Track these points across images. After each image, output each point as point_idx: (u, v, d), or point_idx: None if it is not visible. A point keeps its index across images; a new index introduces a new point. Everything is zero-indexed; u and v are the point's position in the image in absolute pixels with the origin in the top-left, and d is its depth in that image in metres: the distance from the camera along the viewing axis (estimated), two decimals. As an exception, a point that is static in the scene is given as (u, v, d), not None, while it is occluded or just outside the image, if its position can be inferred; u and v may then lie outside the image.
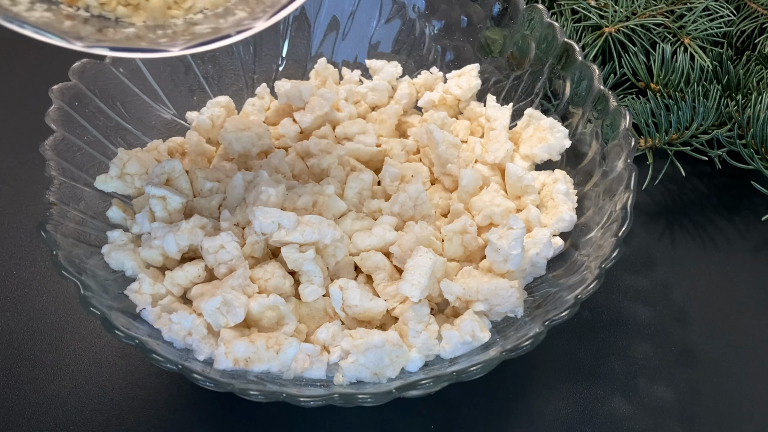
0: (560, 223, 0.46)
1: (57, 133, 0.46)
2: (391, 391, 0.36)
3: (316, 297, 0.43)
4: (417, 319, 0.42)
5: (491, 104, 0.53)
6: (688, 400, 0.45)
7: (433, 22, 0.58)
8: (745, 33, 0.59)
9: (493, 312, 0.42)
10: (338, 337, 0.41)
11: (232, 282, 0.41)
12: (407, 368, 0.41)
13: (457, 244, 0.45)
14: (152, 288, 0.42)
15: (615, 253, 0.39)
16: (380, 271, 0.44)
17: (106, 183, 0.47)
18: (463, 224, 0.45)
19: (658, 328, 0.49)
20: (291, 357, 0.39)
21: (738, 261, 0.52)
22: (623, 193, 0.42)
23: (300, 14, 0.58)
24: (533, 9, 0.52)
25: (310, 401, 0.35)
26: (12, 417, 0.45)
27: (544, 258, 0.44)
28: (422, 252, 0.42)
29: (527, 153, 0.50)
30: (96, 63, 0.50)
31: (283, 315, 0.41)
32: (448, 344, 0.41)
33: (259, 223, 0.42)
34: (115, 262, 0.44)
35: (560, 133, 0.49)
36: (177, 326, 0.40)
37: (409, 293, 0.41)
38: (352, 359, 0.40)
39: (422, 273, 0.42)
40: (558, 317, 0.37)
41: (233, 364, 0.39)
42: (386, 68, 0.57)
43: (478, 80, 0.55)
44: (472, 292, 0.42)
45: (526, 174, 0.48)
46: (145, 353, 0.36)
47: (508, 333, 0.41)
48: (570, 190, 0.48)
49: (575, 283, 0.41)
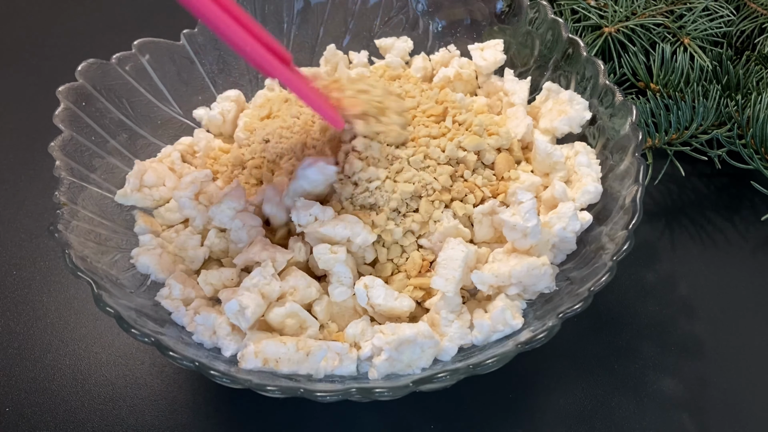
0: (586, 195, 0.45)
1: (65, 133, 0.45)
2: (408, 384, 0.35)
3: (345, 297, 0.42)
4: (449, 308, 0.41)
5: (509, 78, 0.51)
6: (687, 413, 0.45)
7: (436, 19, 0.57)
8: (745, 33, 0.59)
9: (528, 291, 0.42)
10: (367, 332, 0.41)
11: (246, 283, 0.41)
12: (440, 357, 0.40)
13: (487, 226, 0.44)
14: (182, 293, 0.43)
15: (626, 246, 0.39)
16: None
17: (126, 197, 0.47)
18: (492, 205, 0.44)
19: (658, 327, 0.48)
20: (320, 359, 0.39)
21: (738, 261, 0.52)
22: (632, 186, 0.42)
23: (304, 14, 0.57)
24: (537, 5, 0.52)
25: (327, 396, 0.34)
26: (12, 417, 0.44)
27: (572, 232, 0.43)
28: (453, 244, 0.41)
29: (547, 127, 0.49)
30: (102, 63, 0.49)
31: (304, 319, 0.41)
32: (480, 333, 0.40)
33: (297, 214, 0.42)
34: (141, 265, 0.44)
35: (580, 104, 0.48)
36: (202, 327, 0.41)
37: (443, 288, 0.40)
38: (386, 356, 0.39)
39: (455, 266, 0.41)
40: (572, 310, 0.36)
41: (262, 364, 0.38)
42: (397, 44, 0.56)
43: (503, 55, 0.53)
44: (505, 278, 0.41)
45: (555, 150, 0.46)
46: (161, 351, 0.35)
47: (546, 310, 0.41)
48: (591, 160, 0.46)
49: (587, 275, 0.40)
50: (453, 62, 0.55)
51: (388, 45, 0.57)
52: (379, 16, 0.58)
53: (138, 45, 0.51)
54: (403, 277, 0.43)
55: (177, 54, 0.54)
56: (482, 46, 0.54)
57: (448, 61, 0.55)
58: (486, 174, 0.46)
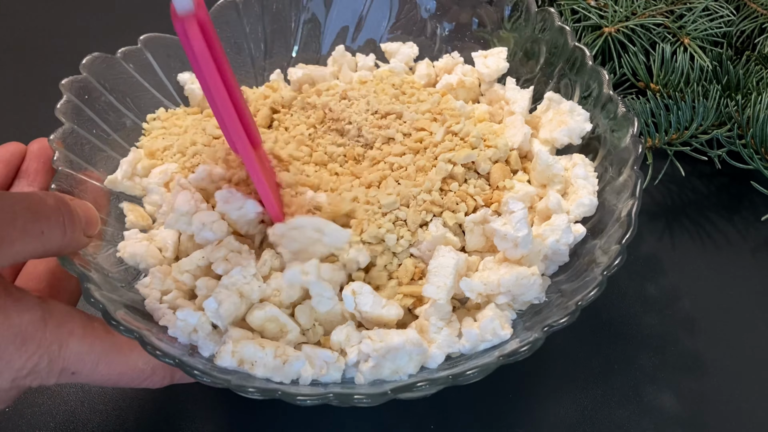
0: (580, 207, 0.44)
1: (66, 126, 0.45)
2: (386, 392, 0.35)
3: (328, 308, 0.41)
4: (438, 316, 0.40)
5: (510, 86, 0.51)
6: (689, 404, 0.44)
7: (443, 23, 0.57)
8: (745, 33, 0.58)
9: (517, 301, 0.41)
10: (353, 337, 0.40)
11: (225, 281, 0.40)
12: (427, 365, 0.39)
13: (479, 235, 0.43)
14: (162, 284, 0.41)
15: (618, 261, 0.38)
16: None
17: (116, 184, 0.46)
18: (484, 214, 0.43)
19: (658, 327, 0.48)
20: (296, 370, 0.38)
21: (738, 261, 0.51)
22: (628, 200, 0.41)
23: (311, 16, 0.57)
24: (545, 12, 0.51)
25: (307, 400, 0.34)
26: (12, 417, 0.44)
27: (565, 245, 0.42)
28: (444, 252, 0.41)
29: (547, 137, 0.48)
30: (107, 57, 0.49)
31: (284, 323, 0.40)
32: (468, 342, 0.40)
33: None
34: (129, 257, 0.43)
35: (580, 116, 0.47)
36: (182, 323, 0.39)
37: (434, 295, 0.40)
38: (373, 363, 0.38)
39: (446, 273, 0.40)
40: (558, 324, 0.36)
41: (237, 365, 0.38)
42: (402, 50, 0.56)
43: (506, 63, 0.52)
44: (494, 286, 0.40)
45: (556, 162, 0.45)
46: (144, 347, 0.35)
47: (534, 321, 0.40)
48: (589, 173, 0.45)
49: (577, 289, 0.39)
50: (456, 69, 0.54)
51: (394, 50, 0.56)
52: (386, 18, 0.58)
53: (143, 40, 0.51)
54: (396, 284, 0.42)
55: (182, 50, 0.53)
56: (486, 54, 0.53)
57: (451, 68, 0.55)
58: (479, 183, 0.45)
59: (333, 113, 0.49)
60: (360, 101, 0.50)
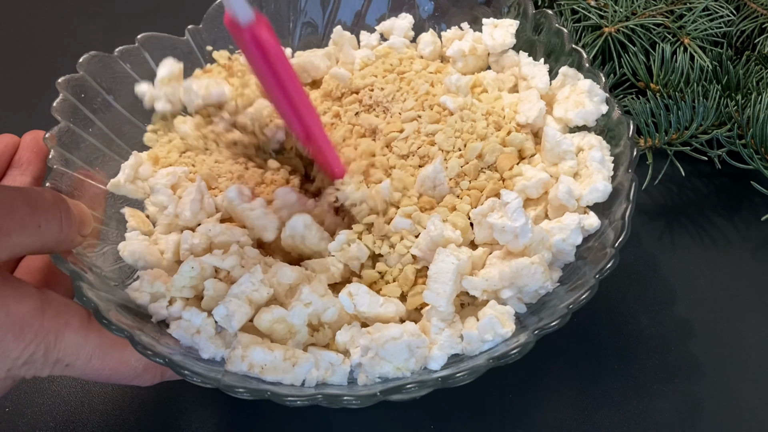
0: (594, 193, 0.42)
1: (62, 124, 0.44)
2: (375, 394, 0.34)
3: (334, 314, 0.41)
4: (440, 317, 0.40)
5: (525, 61, 0.49)
6: (689, 404, 0.44)
7: (441, 24, 0.56)
8: (745, 33, 0.58)
9: (524, 293, 0.40)
10: (357, 338, 0.39)
11: (235, 290, 0.39)
12: (429, 366, 0.38)
13: (486, 228, 0.42)
14: (151, 287, 0.41)
15: (610, 264, 0.37)
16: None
17: (119, 187, 0.46)
18: (491, 205, 0.42)
19: (657, 327, 0.47)
20: (306, 371, 0.38)
21: (738, 261, 0.51)
22: (622, 203, 0.40)
23: (308, 16, 0.56)
24: (543, 14, 0.50)
25: (297, 401, 0.34)
26: (12, 417, 0.44)
27: (571, 245, 0.41)
28: (443, 256, 0.40)
29: (561, 116, 0.46)
30: (105, 56, 0.49)
31: (292, 324, 0.40)
32: (469, 344, 0.39)
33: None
34: (129, 255, 0.42)
35: (598, 97, 0.45)
36: (187, 323, 0.39)
37: (434, 302, 0.39)
38: (372, 354, 0.38)
39: (446, 280, 0.39)
40: (548, 327, 0.35)
41: (248, 369, 0.37)
42: (397, 23, 0.55)
43: (512, 38, 0.51)
44: (496, 281, 0.40)
45: (564, 139, 0.44)
46: (134, 345, 0.34)
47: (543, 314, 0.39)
48: (606, 157, 0.44)
49: (572, 290, 0.39)
50: (467, 36, 0.53)
51: (390, 27, 0.55)
52: (386, 18, 0.57)
53: (141, 39, 0.51)
54: (396, 287, 0.42)
55: (181, 49, 0.53)
56: (496, 23, 0.52)
57: (461, 36, 0.53)
58: (486, 175, 0.45)
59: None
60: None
